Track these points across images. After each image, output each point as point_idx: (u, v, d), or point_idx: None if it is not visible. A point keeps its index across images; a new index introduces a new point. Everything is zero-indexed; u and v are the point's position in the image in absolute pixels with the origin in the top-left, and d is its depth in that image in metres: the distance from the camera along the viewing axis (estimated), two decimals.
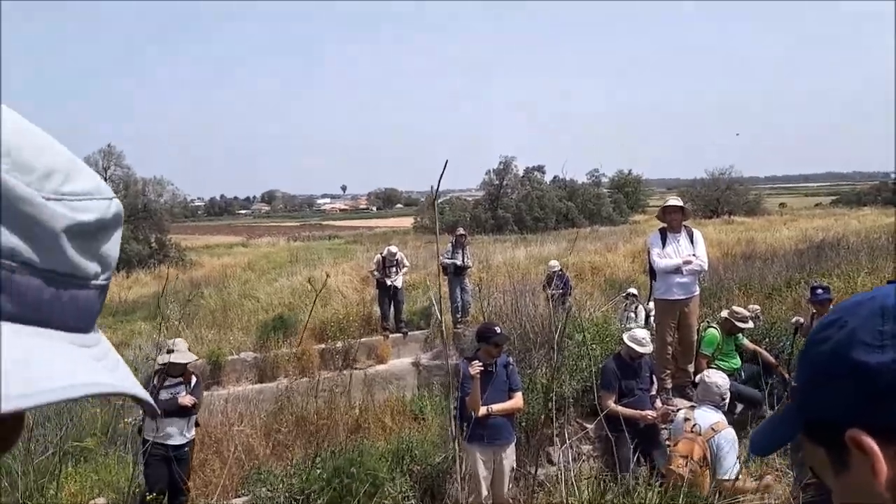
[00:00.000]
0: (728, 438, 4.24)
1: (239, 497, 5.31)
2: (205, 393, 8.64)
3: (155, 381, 5.74)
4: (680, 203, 6.25)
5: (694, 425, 4.38)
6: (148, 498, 5.17)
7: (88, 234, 0.43)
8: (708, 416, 4.38)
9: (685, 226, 6.23)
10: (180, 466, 5.71)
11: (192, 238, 40.51)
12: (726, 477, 4.11)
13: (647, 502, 3.46)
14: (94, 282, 0.44)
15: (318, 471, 4.85)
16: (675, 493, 3.74)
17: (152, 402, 0.43)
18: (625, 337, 5.55)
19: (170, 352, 5.86)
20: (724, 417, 4.41)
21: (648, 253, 6.38)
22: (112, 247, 0.46)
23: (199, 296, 15.84)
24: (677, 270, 5.97)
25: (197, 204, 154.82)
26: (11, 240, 0.38)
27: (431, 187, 1.86)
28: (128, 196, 35.26)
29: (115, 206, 0.46)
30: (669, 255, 6.03)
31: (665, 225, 6.20)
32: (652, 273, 6.39)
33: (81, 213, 0.42)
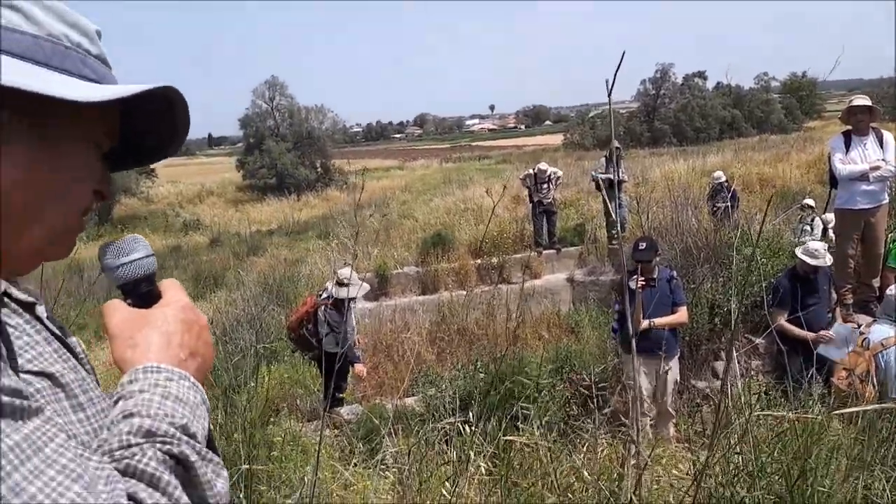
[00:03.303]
0: None
1: (410, 397, 5.77)
2: (374, 303, 9.37)
3: (328, 314, 5.62)
4: (868, 102, 5.60)
5: (864, 339, 4.15)
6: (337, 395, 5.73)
7: None
8: (881, 331, 4.12)
9: (873, 128, 5.60)
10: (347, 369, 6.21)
11: (352, 162, 42.56)
12: None
13: (817, 419, 3.33)
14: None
15: (482, 375, 5.16)
16: (840, 406, 3.58)
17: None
18: (797, 251, 5.25)
19: (340, 284, 5.57)
20: None
21: (829, 159, 5.85)
22: None
23: (364, 216, 16.84)
24: (863, 177, 5.43)
25: (355, 130, 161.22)
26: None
27: (606, 81, 1.85)
28: (293, 124, 37.62)
29: None
30: (854, 160, 5.49)
31: (849, 128, 5.63)
32: (833, 181, 5.88)
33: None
